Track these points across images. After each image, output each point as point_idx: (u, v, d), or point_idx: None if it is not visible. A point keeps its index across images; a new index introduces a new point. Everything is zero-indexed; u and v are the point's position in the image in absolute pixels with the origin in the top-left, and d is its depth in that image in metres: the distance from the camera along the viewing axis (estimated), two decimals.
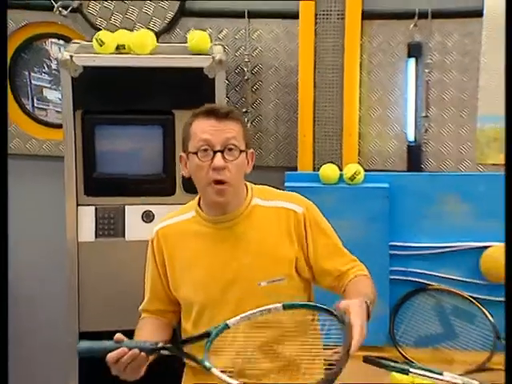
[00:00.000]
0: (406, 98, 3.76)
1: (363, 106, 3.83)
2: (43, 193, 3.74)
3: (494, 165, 3.76)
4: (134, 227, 3.51)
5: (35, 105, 3.96)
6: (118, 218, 3.53)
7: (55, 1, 3.77)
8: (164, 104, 3.47)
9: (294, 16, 3.84)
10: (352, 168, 3.57)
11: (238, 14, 3.86)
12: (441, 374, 2.34)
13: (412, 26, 3.76)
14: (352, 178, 3.53)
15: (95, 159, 3.47)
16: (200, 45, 3.51)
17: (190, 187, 3.24)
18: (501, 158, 3.64)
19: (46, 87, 3.86)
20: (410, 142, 3.74)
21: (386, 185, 3.51)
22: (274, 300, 2.29)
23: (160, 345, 2.16)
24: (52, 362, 3.75)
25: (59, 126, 3.54)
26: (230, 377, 2.04)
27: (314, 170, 3.79)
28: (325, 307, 2.16)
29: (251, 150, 2.52)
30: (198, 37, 3.54)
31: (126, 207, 3.53)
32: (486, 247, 3.43)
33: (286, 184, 3.56)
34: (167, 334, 2.61)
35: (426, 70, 3.77)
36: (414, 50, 3.76)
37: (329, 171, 3.59)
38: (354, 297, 2.35)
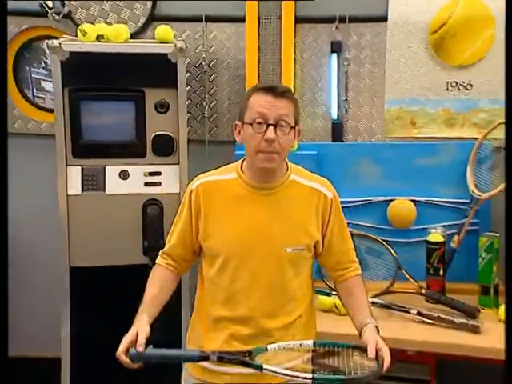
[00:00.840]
0: (330, 85, 3.86)
1: (297, 92, 3.88)
2: (41, 163, 3.81)
3: (397, 137, 3.87)
4: (113, 183, 3.56)
5: (35, 94, 4.03)
6: (99, 175, 3.55)
7: (49, 8, 3.80)
8: (136, 83, 3.52)
9: (242, 20, 3.89)
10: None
11: (197, 19, 3.91)
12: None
13: (334, 28, 3.83)
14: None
15: (81, 128, 3.51)
16: (165, 36, 3.58)
17: (157, 151, 3.57)
18: (403, 132, 3.89)
19: (43, 79, 3.93)
20: (334, 120, 3.86)
21: (314, 152, 3.65)
22: (293, 265, 2.44)
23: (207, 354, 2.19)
24: (47, 293, 3.80)
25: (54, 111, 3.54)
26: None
27: None
28: (358, 345, 2.24)
29: (298, 127, 2.43)
30: (163, 30, 3.60)
31: (106, 167, 3.55)
32: (391, 200, 3.60)
33: (236, 152, 3.60)
34: (174, 286, 2.56)
35: (345, 63, 3.87)
36: (336, 47, 3.86)
37: None
38: (361, 303, 2.49)
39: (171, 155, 3.58)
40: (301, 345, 2.28)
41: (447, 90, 3.81)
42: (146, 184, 3.59)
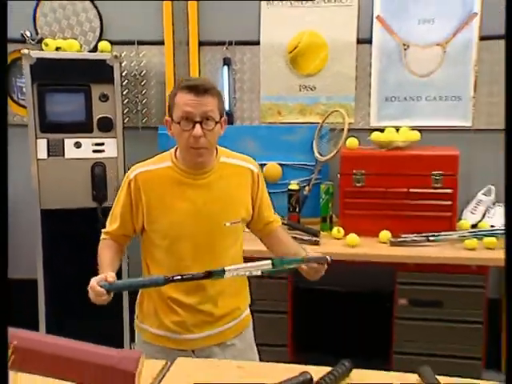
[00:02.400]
0: (223, 88, 3.88)
1: None
2: (22, 145, 3.68)
3: (269, 122, 3.96)
4: (69, 151, 3.61)
5: (19, 97, 4.06)
6: (60, 145, 3.59)
7: (27, 36, 3.89)
8: (84, 80, 3.57)
9: (162, 43, 3.92)
10: None
11: (132, 42, 3.95)
12: None
13: (225, 48, 3.90)
14: None
15: (45, 111, 3.56)
16: (105, 48, 3.71)
17: (101, 128, 3.66)
18: (273, 119, 3.97)
19: (24, 87, 3.81)
20: (227, 111, 3.80)
21: None
22: (231, 236, 2.20)
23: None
24: (25, 229, 3.82)
25: None
26: None
27: None
28: (311, 257, 2.07)
29: (224, 118, 2.13)
30: (104, 44, 3.74)
31: (65, 139, 3.59)
32: (265, 164, 3.71)
33: (159, 132, 3.74)
34: (122, 255, 2.28)
35: (233, 73, 3.94)
36: (227, 62, 3.91)
37: None
38: (290, 242, 2.33)
39: (111, 131, 3.65)
40: (260, 266, 1.97)
41: (300, 90, 3.92)
42: (94, 151, 3.66)
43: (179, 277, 1.93)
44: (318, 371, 1.67)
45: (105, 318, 3.31)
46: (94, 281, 1.93)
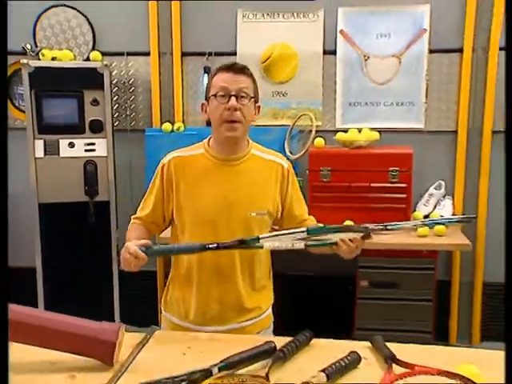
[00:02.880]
0: (203, 93, 3.65)
1: (185, 97, 3.96)
2: (22, 145, 3.64)
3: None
4: (64, 150, 3.58)
5: (19, 103, 4.02)
6: (55, 145, 3.56)
7: (28, 49, 3.84)
8: (77, 86, 3.54)
9: (148, 54, 3.90)
10: (178, 124, 3.79)
11: (121, 54, 3.93)
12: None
13: (205, 59, 3.87)
14: (178, 129, 3.76)
15: (42, 115, 3.53)
16: (96, 57, 3.69)
17: (92, 129, 3.63)
18: None
19: (24, 94, 3.71)
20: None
21: (195, 133, 3.61)
22: (257, 227, 2.02)
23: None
24: (25, 220, 3.75)
25: None
26: None
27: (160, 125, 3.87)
28: (348, 226, 1.99)
29: (258, 104, 2.05)
30: (95, 54, 3.71)
31: (60, 140, 3.56)
32: None
33: (146, 134, 3.75)
34: (149, 237, 2.06)
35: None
36: (207, 70, 3.87)
37: (166, 126, 3.76)
38: None
39: (101, 132, 3.63)
40: (293, 233, 1.84)
41: (273, 96, 3.93)
42: (86, 150, 3.63)
43: (215, 245, 1.83)
44: (281, 340, 1.68)
45: (97, 302, 3.38)
46: (132, 245, 1.83)
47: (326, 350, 1.68)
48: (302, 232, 1.83)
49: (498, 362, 1.59)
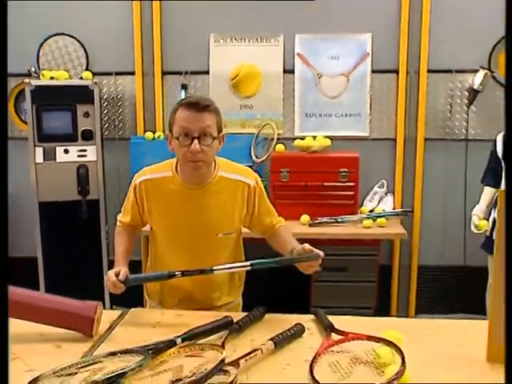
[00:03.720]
0: None
1: (165, 109, 3.91)
2: (25, 152, 3.62)
3: None
4: (60, 156, 3.56)
5: (25, 117, 3.84)
6: (52, 151, 3.55)
7: (32, 71, 3.77)
8: (71, 101, 3.53)
9: (133, 73, 3.88)
10: (159, 133, 3.76)
11: (110, 73, 3.90)
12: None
13: (182, 77, 3.86)
14: (158, 137, 3.71)
15: (42, 126, 3.51)
16: (87, 76, 3.68)
17: (84, 138, 3.60)
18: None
19: None
20: None
21: None
22: (225, 245, 1.92)
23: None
24: (26, 215, 3.75)
25: None
26: None
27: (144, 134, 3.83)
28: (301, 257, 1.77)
29: (222, 133, 1.83)
30: (86, 73, 3.71)
31: (56, 147, 3.55)
32: None
33: (132, 141, 3.72)
34: (135, 236, 2.03)
35: (188, 94, 3.83)
36: (183, 87, 3.86)
37: (148, 134, 3.71)
38: (288, 239, 1.95)
39: (92, 140, 3.61)
40: (240, 267, 1.77)
41: (241, 108, 3.93)
42: (78, 156, 3.60)
43: (180, 273, 1.72)
44: (238, 315, 1.70)
45: (90, 287, 3.33)
46: (111, 274, 1.74)
47: (276, 323, 1.68)
48: (247, 266, 1.72)
49: (417, 326, 1.76)
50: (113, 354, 1.40)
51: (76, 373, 1.31)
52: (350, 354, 1.48)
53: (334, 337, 1.57)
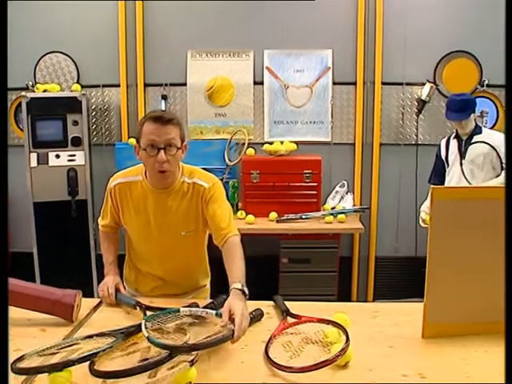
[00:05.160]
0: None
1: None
2: (21, 158, 3.61)
3: (194, 139, 3.87)
4: (52, 160, 3.57)
5: (23, 126, 3.74)
6: (45, 157, 3.55)
7: (30, 85, 3.76)
8: (62, 111, 3.55)
9: (119, 85, 3.87)
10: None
11: (98, 85, 3.90)
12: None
13: (163, 88, 3.85)
14: None
15: (36, 134, 3.52)
16: (77, 88, 3.71)
17: (73, 144, 3.59)
18: (196, 136, 3.86)
19: None
20: None
21: None
22: (188, 242, 1.91)
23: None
24: (22, 214, 3.74)
25: None
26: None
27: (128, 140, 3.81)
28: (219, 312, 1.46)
29: (185, 143, 1.81)
30: (75, 86, 3.74)
31: (49, 152, 3.55)
32: None
33: (117, 146, 3.70)
34: (118, 236, 2.04)
35: (169, 104, 3.87)
36: (164, 97, 3.86)
37: (132, 140, 3.63)
38: (235, 272, 1.68)
39: (80, 146, 3.61)
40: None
41: (215, 116, 3.93)
42: (68, 160, 3.61)
43: (144, 306, 1.64)
44: (204, 302, 1.73)
45: (79, 278, 3.33)
46: (104, 286, 1.79)
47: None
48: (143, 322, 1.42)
49: (365, 310, 1.78)
50: (89, 336, 1.42)
51: (56, 353, 1.34)
52: (302, 335, 1.51)
53: (290, 320, 1.60)
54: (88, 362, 1.25)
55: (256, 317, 1.66)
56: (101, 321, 1.67)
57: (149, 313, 1.54)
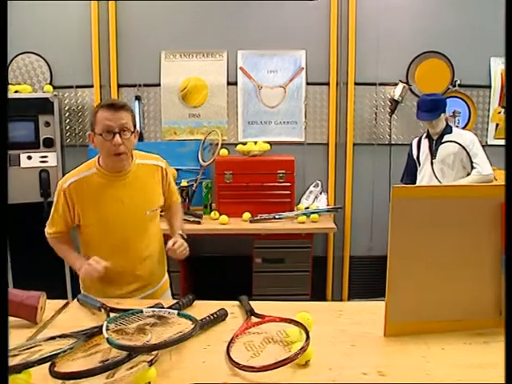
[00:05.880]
0: (136, 116, 3.73)
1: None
2: None
3: (169, 139, 3.87)
4: (24, 161, 3.54)
5: None
6: (17, 158, 3.53)
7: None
8: (34, 112, 3.52)
9: (92, 86, 3.84)
10: None
11: (72, 86, 3.87)
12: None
13: (136, 89, 3.84)
14: None
15: (7, 135, 3.50)
16: (49, 90, 3.68)
17: (45, 145, 3.58)
18: (170, 137, 3.83)
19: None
20: (139, 132, 3.79)
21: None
22: (152, 221, 2.01)
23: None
24: None
25: None
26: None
27: None
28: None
29: (136, 130, 1.90)
30: (47, 87, 3.72)
31: (20, 154, 3.52)
32: None
33: (90, 147, 3.59)
34: (73, 241, 2.05)
35: (142, 106, 3.86)
36: (138, 98, 3.84)
37: None
38: (178, 225, 2.13)
39: (52, 147, 3.60)
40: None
41: (189, 117, 3.93)
42: (40, 162, 3.60)
43: (108, 308, 1.64)
44: (170, 302, 1.73)
45: (53, 278, 3.34)
46: (86, 264, 1.82)
47: (204, 309, 1.68)
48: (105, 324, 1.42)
49: (330, 309, 1.79)
50: (52, 338, 1.42)
51: (17, 355, 1.34)
52: (264, 335, 1.52)
53: (253, 320, 1.60)
54: (49, 364, 1.26)
55: (220, 317, 1.66)
56: (66, 322, 1.66)
57: (112, 314, 1.55)
